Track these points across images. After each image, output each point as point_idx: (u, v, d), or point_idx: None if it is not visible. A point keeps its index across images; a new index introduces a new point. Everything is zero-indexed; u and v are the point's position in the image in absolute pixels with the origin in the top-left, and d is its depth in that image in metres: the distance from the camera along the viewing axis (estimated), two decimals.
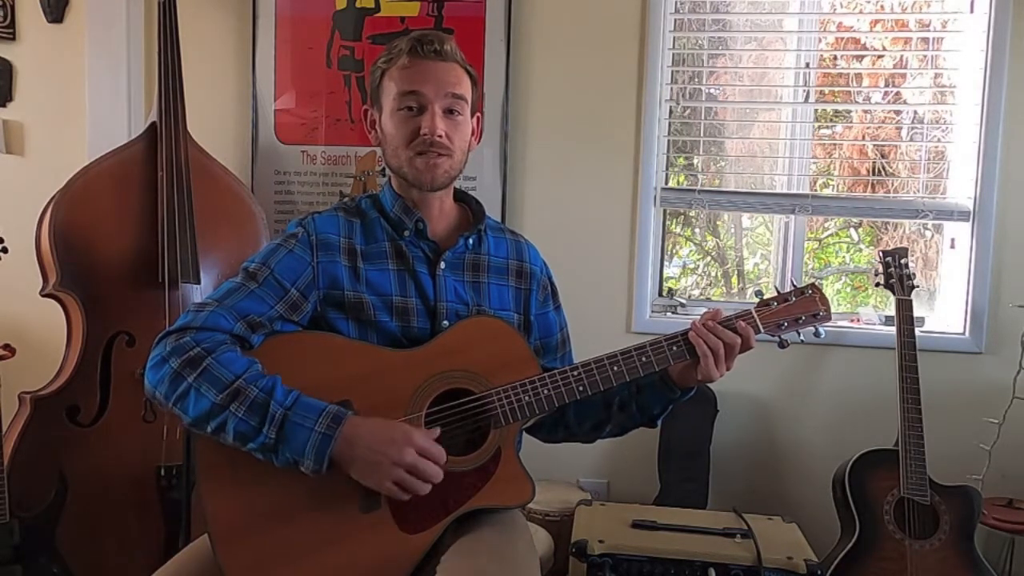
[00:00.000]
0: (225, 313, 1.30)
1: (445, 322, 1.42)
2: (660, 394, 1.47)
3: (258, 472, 1.28)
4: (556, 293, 1.61)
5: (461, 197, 1.57)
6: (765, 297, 1.48)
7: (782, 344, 1.47)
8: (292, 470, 1.26)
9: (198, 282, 2.24)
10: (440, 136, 1.39)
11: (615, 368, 1.39)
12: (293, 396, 1.26)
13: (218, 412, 1.23)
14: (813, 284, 1.50)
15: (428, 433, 1.30)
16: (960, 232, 2.61)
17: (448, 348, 1.38)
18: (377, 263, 1.43)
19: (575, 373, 1.38)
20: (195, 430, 1.28)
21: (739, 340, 1.39)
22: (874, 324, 2.65)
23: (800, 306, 1.47)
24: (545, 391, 1.37)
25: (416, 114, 1.40)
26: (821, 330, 1.49)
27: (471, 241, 1.50)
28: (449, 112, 1.42)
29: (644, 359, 1.39)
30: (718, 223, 3.06)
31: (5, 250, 2.18)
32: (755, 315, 1.44)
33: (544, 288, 1.58)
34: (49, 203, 2.20)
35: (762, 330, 1.45)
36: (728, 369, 1.40)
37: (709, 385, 2.52)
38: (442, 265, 1.45)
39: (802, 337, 1.48)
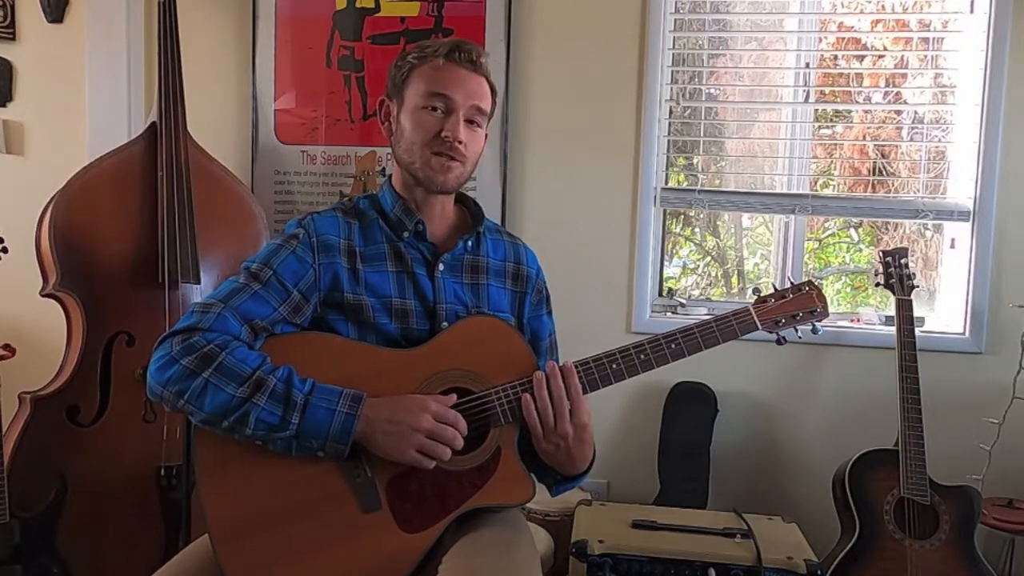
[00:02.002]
0: (231, 316, 1.30)
1: (444, 323, 1.42)
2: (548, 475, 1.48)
3: (258, 472, 1.29)
4: (548, 299, 1.62)
5: (460, 199, 1.57)
6: (763, 294, 1.49)
7: (780, 341, 1.48)
8: (292, 469, 1.26)
9: (198, 282, 2.24)
10: (460, 142, 1.41)
11: (614, 366, 1.39)
12: (310, 383, 1.29)
13: (239, 405, 1.24)
14: (810, 281, 1.51)
15: (442, 399, 1.32)
16: (960, 232, 2.61)
17: (448, 347, 1.38)
18: (376, 265, 1.43)
19: (576, 371, 1.37)
20: (208, 427, 1.27)
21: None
22: (874, 324, 2.65)
23: (797, 303, 1.48)
24: None
25: (440, 116, 1.41)
26: (819, 327, 1.50)
27: (470, 243, 1.51)
28: (469, 122, 1.43)
29: (643, 357, 1.40)
30: (718, 223, 3.05)
31: (5, 250, 2.19)
32: (753, 312, 1.45)
33: (539, 292, 1.58)
34: (49, 203, 2.20)
35: (760, 327, 1.46)
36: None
37: (709, 385, 2.58)
38: (440, 267, 1.45)
39: (800, 334, 1.49)
